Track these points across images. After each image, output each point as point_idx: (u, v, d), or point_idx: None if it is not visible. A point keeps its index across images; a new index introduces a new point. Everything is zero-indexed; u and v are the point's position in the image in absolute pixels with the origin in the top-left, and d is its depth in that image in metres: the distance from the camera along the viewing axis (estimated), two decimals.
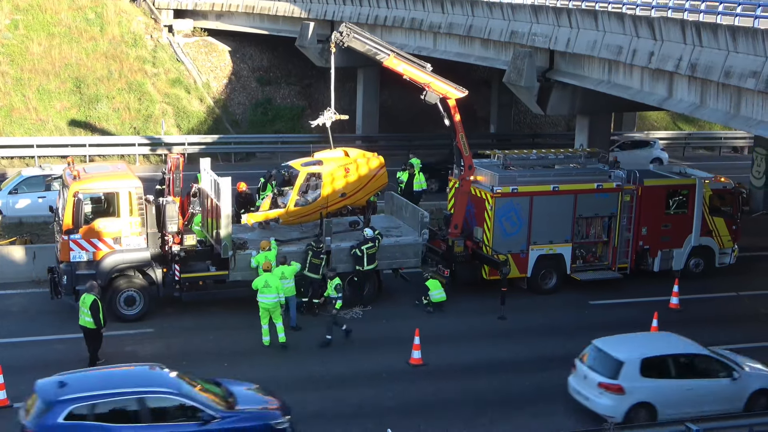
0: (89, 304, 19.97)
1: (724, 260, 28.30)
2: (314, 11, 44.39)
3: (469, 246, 25.75)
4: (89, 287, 20.47)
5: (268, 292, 21.86)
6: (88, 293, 20.23)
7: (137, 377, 16.49)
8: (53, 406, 15.21)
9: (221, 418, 15.88)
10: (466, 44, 36.34)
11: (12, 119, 42.26)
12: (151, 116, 44.52)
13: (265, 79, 49.64)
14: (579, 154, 28.13)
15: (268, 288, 21.87)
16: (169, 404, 15.75)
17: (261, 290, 21.90)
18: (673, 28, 24.81)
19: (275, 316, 22.14)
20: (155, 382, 16.13)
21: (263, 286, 21.90)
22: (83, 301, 20.19)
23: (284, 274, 22.70)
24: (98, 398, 15.39)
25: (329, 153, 26.54)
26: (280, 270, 22.59)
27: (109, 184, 23.04)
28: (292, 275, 22.95)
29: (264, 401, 17.12)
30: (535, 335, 23.43)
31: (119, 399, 15.54)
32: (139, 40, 48.05)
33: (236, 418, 16.09)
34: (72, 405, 15.21)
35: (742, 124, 23.38)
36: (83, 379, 16.29)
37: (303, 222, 25.45)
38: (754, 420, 16.94)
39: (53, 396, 15.41)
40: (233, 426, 15.96)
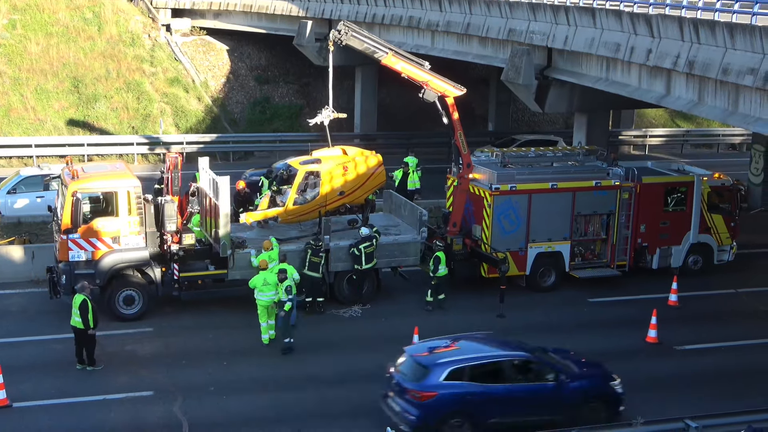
0: (78, 304, 19.95)
1: (723, 257, 28.31)
2: (312, 10, 44.36)
3: (468, 244, 25.77)
4: (81, 287, 20.48)
5: (267, 290, 21.88)
6: (78, 293, 20.22)
7: (496, 344, 19.12)
8: (433, 368, 17.41)
9: (571, 380, 18.25)
10: (463, 42, 36.33)
11: (10, 119, 42.24)
12: (149, 115, 44.51)
13: (263, 77, 49.62)
14: (577, 152, 28.14)
15: (267, 286, 21.89)
16: (532, 366, 18.19)
17: (260, 288, 21.92)
18: (671, 26, 24.80)
19: (272, 314, 22.22)
20: (513, 348, 18.76)
21: (262, 284, 21.91)
22: (74, 302, 20.17)
23: (266, 279, 22.51)
24: (471, 361, 17.78)
25: (327, 151, 26.54)
26: (277, 267, 22.52)
27: (108, 184, 23.04)
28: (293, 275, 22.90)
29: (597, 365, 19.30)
30: (534, 333, 23.38)
31: (489, 362, 18.01)
32: (137, 40, 48.03)
33: (582, 380, 18.43)
34: (451, 367, 17.48)
35: (740, 121, 23.36)
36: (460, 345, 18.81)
37: (302, 221, 25.46)
38: (753, 417, 16.95)
39: (432, 360, 17.66)
40: (581, 386, 18.34)
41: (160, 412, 18.76)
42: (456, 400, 17.42)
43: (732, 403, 18.85)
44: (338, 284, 24.63)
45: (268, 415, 18.76)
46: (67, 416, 18.49)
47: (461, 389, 17.43)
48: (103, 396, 19.29)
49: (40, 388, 19.52)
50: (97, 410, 18.73)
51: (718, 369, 21.79)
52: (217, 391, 19.68)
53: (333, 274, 24.46)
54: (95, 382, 19.97)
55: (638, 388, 20.42)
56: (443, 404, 17.34)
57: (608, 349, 22.49)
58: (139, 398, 19.29)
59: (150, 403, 19.12)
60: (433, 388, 17.32)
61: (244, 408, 19.02)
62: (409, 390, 17.45)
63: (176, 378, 20.25)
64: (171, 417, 18.57)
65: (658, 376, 21.21)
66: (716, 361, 22.27)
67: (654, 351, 22.68)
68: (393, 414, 17.75)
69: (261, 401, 19.30)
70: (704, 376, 21.38)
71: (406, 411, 17.37)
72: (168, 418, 18.51)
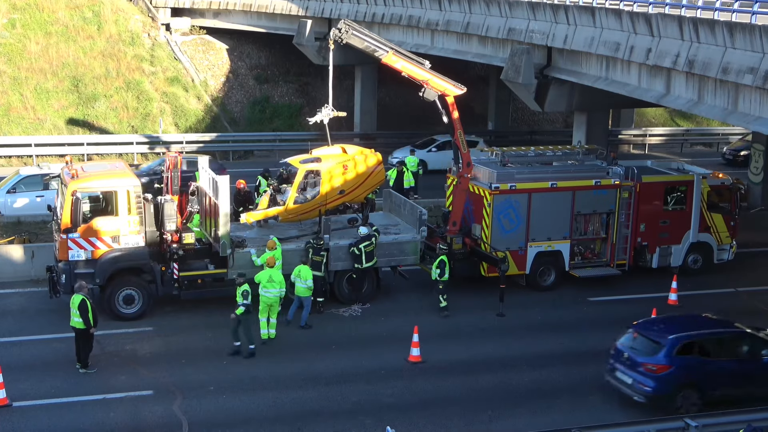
0: (78, 305, 19.94)
1: (723, 256, 28.31)
2: (312, 9, 44.35)
3: (468, 243, 25.76)
4: (78, 287, 20.46)
5: (271, 287, 21.94)
6: (76, 293, 20.21)
7: (714, 322, 20.28)
8: (666, 343, 18.85)
9: None
10: (463, 41, 36.34)
11: (10, 118, 42.24)
12: (148, 115, 44.51)
13: (263, 77, 49.62)
14: (577, 151, 28.14)
15: (272, 283, 21.96)
16: (751, 342, 19.49)
17: (264, 285, 21.97)
18: (671, 25, 24.81)
19: (273, 312, 22.23)
20: (730, 325, 20.04)
21: (267, 281, 21.96)
22: (72, 302, 20.14)
23: (301, 274, 22.78)
24: (698, 336, 19.24)
25: (327, 150, 26.53)
26: (297, 269, 22.80)
27: (108, 183, 23.02)
28: (309, 276, 22.89)
29: None
30: (534, 332, 23.45)
31: (714, 337, 19.43)
32: (137, 39, 48.02)
33: None
34: (683, 341, 18.88)
35: (739, 120, 23.37)
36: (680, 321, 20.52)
37: (302, 219, 25.46)
38: (753, 416, 16.95)
39: (663, 335, 19.13)
40: None
41: (160, 411, 18.75)
42: (688, 372, 18.83)
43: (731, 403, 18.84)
44: (338, 283, 24.62)
45: (267, 414, 18.76)
46: (67, 415, 18.48)
47: (692, 362, 18.88)
48: (103, 395, 19.28)
49: (40, 388, 19.51)
50: (97, 410, 18.72)
51: None
52: (217, 391, 19.68)
53: (333, 274, 24.45)
54: (95, 382, 19.96)
55: None
56: (677, 376, 18.73)
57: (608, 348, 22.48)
58: (139, 397, 19.28)
59: (150, 402, 19.11)
60: (668, 361, 18.69)
61: (244, 407, 19.03)
62: (644, 363, 18.83)
63: (176, 377, 20.25)
64: (171, 416, 18.56)
65: None
66: None
67: None
68: (623, 386, 19.16)
69: (261, 400, 19.30)
70: None
71: (641, 383, 18.78)
72: (168, 418, 18.51)
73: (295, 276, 22.93)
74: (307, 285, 22.82)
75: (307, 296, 22.98)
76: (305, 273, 22.83)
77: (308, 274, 22.85)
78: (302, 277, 22.81)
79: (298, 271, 22.89)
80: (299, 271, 22.86)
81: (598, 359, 20.85)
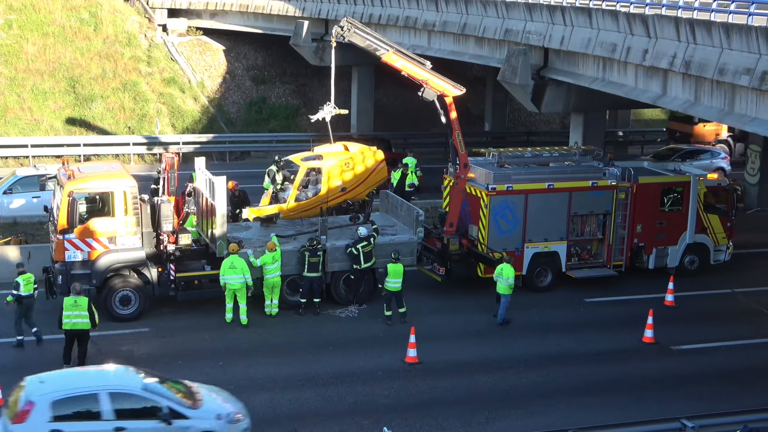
0: (86, 306, 19.94)
1: (719, 257, 28.33)
2: (308, 10, 44.35)
3: (465, 244, 25.76)
4: (78, 290, 20.42)
5: (232, 273, 22.41)
6: (80, 295, 20.17)
7: None
8: None
9: None
10: (460, 42, 36.35)
11: (6, 119, 42.19)
12: (145, 115, 44.48)
13: (260, 77, 49.60)
14: (574, 152, 28.16)
15: (233, 269, 22.41)
16: None
17: (226, 271, 22.47)
18: (667, 26, 24.83)
19: (240, 297, 22.72)
20: None
21: (229, 267, 22.45)
22: (77, 304, 20.07)
23: (503, 272, 23.41)
24: None
25: (329, 148, 26.54)
26: (500, 268, 23.50)
27: (104, 184, 23.00)
28: (511, 275, 23.53)
29: None
30: (531, 333, 23.45)
31: None
32: (134, 40, 48.00)
33: None
34: None
35: (736, 121, 23.40)
36: None
37: (303, 217, 25.51)
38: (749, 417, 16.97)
39: None
40: None
41: None
42: None
43: (728, 403, 18.89)
44: (335, 284, 24.61)
45: (264, 415, 18.73)
46: None
47: None
48: None
49: None
50: None
51: (715, 369, 21.81)
52: None
53: (329, 275, 24.44)
54: None
55: (634, 388, 20.50)
56: None
57: (605, 349, 22.55)
58: None
59: None
60: None
61: None
62: None
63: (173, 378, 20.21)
64: None
65: (655, 376, 21.22)
66: (713, 361, 22.29)
67: (650, 351, 22.68)
68: None
69: (257, 401, 19.27)
70: (701, 376, 21.39)
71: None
72: None
73: (497, 274, 23.57)
74: (509, 283, 23.34)
75: (506, 294, 23.48)
76: (507, 271, 23.33)
77: (510, 272, 23.35)
78: (504, 275, 23.35)
79: (500, 270, 23.47)
80: (501, 270, 23.44)
81: (595, 360, 20.89)
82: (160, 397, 16.08)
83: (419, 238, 25.37)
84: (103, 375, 16.80)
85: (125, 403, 15.84)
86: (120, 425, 15.61)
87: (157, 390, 16.25)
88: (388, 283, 23.40)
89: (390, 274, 23.29)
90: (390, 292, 23.49)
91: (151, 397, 16.01)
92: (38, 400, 15.51)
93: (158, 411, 15.91)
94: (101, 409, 15.62)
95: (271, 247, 23.26)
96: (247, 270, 22.63)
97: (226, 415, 16.67)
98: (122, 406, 15.77)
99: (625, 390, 20.38)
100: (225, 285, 22.76)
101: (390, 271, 23.29)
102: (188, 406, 16.38)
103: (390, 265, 23.40)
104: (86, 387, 16.03)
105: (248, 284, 22.77)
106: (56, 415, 15.41)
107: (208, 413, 16.51)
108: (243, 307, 22.91)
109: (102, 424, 15.59)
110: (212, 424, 16.36)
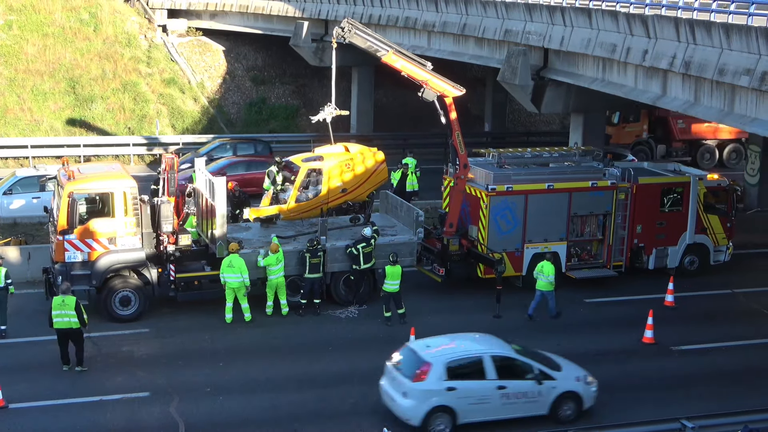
0: (74, 306, 19.91)
1: (719, 258, 28.33)
2: (308, 10, 44.36)
3: (465, 244, 25.76)
4: (65, 288, 20.44)
5: (231, 272, 22.55)
6: (67, 295, 20.17)
7: None
8: None
9: None
10: (460, 43, 36.35)
11: (6, 120, 42.19)
12: (145, 116, 44.48)
13: (260, 78, 49.60)
14: (573, 153, 28.16)
15: (231, 268, 22.51)
16: None
17: (225, 270, 22.58)
18: (667, 26, 24.83)
19: (240, 297, 22.78)
20: None
21: (227, 266, 22.55)
22: (64, 304, 20.07)
23: (544, 269, 23.82)
24: None
25: (330, 148, 26.55)
26: (540, 265, 23.94)
27: (104, 185, 23.02)
28: (551, 272, 23.90)
29: None
30: (531, 333, 23.41)
31: None
32: (133, 40, 48.00)
33: None
34: None
35: (736, 121, 23.40)
36: None
37: (304, 218, 25.52)
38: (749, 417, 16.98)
39: None
40: None
41: (157, 413, 18.74)
42: None
43: (728, 404, 18.89)
44: (335, 285, 24.61)
45: (264, 416, 18.76)
46: (64, 417, 18.47)
47: None
48: (100, 397, 19.27)
49: (36, 389, 19.49)
50: (94, 411, 18.71)
51: (715, 369, 21.80)
52: (214, 392, 19.67)
53: (329, 275, 24.43)
54: (92, 383, 19.95)
55: (634, 389, 20.48)
56: None
57: (605, 350, 22.54)
58: (136, 399, 19.27)
59: (146, 404, 19.10)
60: None
61: (241, 409, 19.01)
62: None
63: (173, 379, 20.24)
64: (167, 418, 18.56)
65: (655, 376, 21.21)
66: (713, 362, 22.29)
67: (650, 351, 22.68)
68: None
69: (257, 402, 19.30)
70: (701, 377, 21.39)
71: None
72: (164, 419, 18.50)
73: (537, 271, 23.99)
74: (549, 280, 23.79)
75: (549, 290, 23.88)
76: (548, 268, 23.74)
77: (551, 269, 23.79)
78: (545, 273, 23.75)
79: (541, 267, 23.88)
80: (542, 267, 23.84)
81: (595, 360, 20.88)
82: (531, 360, 18.43)
83: (419, 238, 25.36)
84: (483, 340, 19.11)
85: (504, 365, 18.21)
86: (501, 384, 17.98)
87: (528, 354, 18.66)
88: (385, 285, 23.41)
89: (388, 276, 23.29)
90: (388, 293, 23.49)
91: (525, 360, 18.43)
92: (435, 362, 17.85)
93: (531, 372, 18.27)
94: (486, 370, 18.02)
95: (275, 249, 23.28)
96: (245, 270, 22.65)
97: (584, 377, 18.86)
98: (502, 367, 18.12)
99: (625, 390, 20.36)
100: (225, 283, 22.84)
101: (388, 273, 23.29)
102: (553, 368, 18.54)
103: (388, 267, 23.39)
104: (473, 351, 18.46)
105: (246, 284, 22.78)
106: (450, 375, 17.80)
107: (569, 375, 18.75)
108: (245, 306, 22.99)
109: (487, 383, 18.00)
110: (573, 385, 18.63)
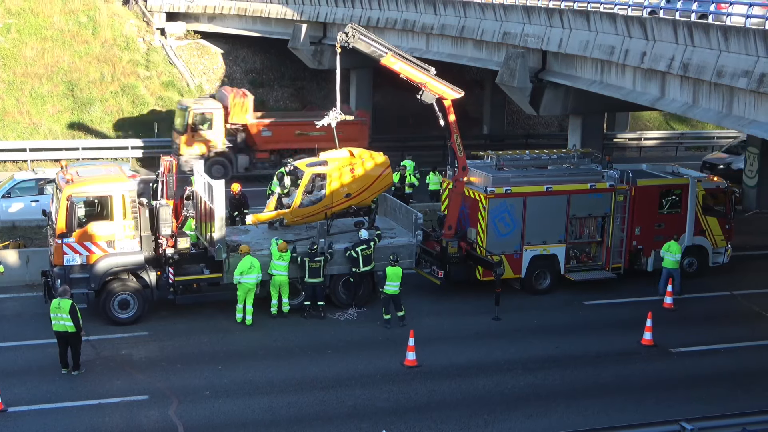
0: (68, 309, 19.90)
1: (718, 259, 28.34)
2: (307, 13, 44.39)
3: (463, 247, 25.76)
4: (63, 291, 20.43)
5: (251, 273, 22.80)
6: (64, 298, 20.15)
7: None
8: None
9: None
10: (458, 45, 36.38)
11: (5, 123, 42.18)
12: (144, 119, 44.46)
13: (258, 81, 49.61)
14: (572, 155, 28.17)
15: (253, 269, 22.86)
16: None
17: (246, 271, 22.78)
18: (665, 28, 24.86)
19: (249, 298, 22.96)
20: None
21: (248, 267, 22.81)
22: (59, 306, 20.06)
23: (671, 248, 25.47)
24: None
25: (334, 153, 26.54)
26: (667, 245, 25.37)
27: (103, 188, 23.00)
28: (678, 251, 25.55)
29: None
30: (530, 336, 23.45)
31: None
32: (132, 43, 48.01)
33: None
34: None
35: (734, 123, 23.42)
36: None
37: (308, 222, 25.52)
38: (748, 419, 16.97)
39: None
40: None
41: (156, 416, 18.73)
42: None
43: (728, 405, 18.91)
44: (334, 287, 24.61)
45: (263, 419, 18.75)
46: (63, 420, 18.45)
47: None
48: (99, 400, 19.25)
49: (35, 393, 19.48)
50: (93, 414, 18.70)
51: (714, 371, 21.80)
52: (213, 395, 19.66)
53: (329, 278, 24.43)
54: (90, 387, 19.93)
55: (634, 391, 20.48)
56: None
57: (604, 352, 22.55)
58: (135, 402, 19.25)
59: (145, 407, 19.08)
60: None
61: (240, 411, 19.00)
62: None
63: (172, 382, 20.23)
64: (166, 421, 18.54)
65: (654, 378, 21.22)
66: (712, 364, 22.29)
67: (649, 353, 22.68)
68: None
69: (256, 405, 19.28)
70: (700, 379, 21.39)
71: None
72: (163, 422, 18.48)
73: (665, 251, 25.64)
74: (675, 258, 25.47)
75: (676, 269, 25.59)
76: (675, 248, 25.47)
77: (677, 249, 25.54)
78: (672, 252, 25.42)
79: (668, 246, 25.56)
80: (669, 246, 25.54)
81: (594, 362, 20.89)
82: None
83: (418, 241, 25.36)
84: None
85: None
86: None
87: None
88: (386, 287, 23.41)
89: (388, 277, 23.29)
90: (388, 295, 23.50)
91: None
92: None
93: None
94: None
95: (283, 248, 23.31)
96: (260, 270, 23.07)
97: None
98: None
99: (624, 392, 20.37)
100: (239, 284, 22.97)
101: (388, 275, 23.29)
102: None
103: (389, 268, 23.40)
104: None
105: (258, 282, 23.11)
106: None
107: None
108: (250, 308, 23.10)
109: None
110: None
